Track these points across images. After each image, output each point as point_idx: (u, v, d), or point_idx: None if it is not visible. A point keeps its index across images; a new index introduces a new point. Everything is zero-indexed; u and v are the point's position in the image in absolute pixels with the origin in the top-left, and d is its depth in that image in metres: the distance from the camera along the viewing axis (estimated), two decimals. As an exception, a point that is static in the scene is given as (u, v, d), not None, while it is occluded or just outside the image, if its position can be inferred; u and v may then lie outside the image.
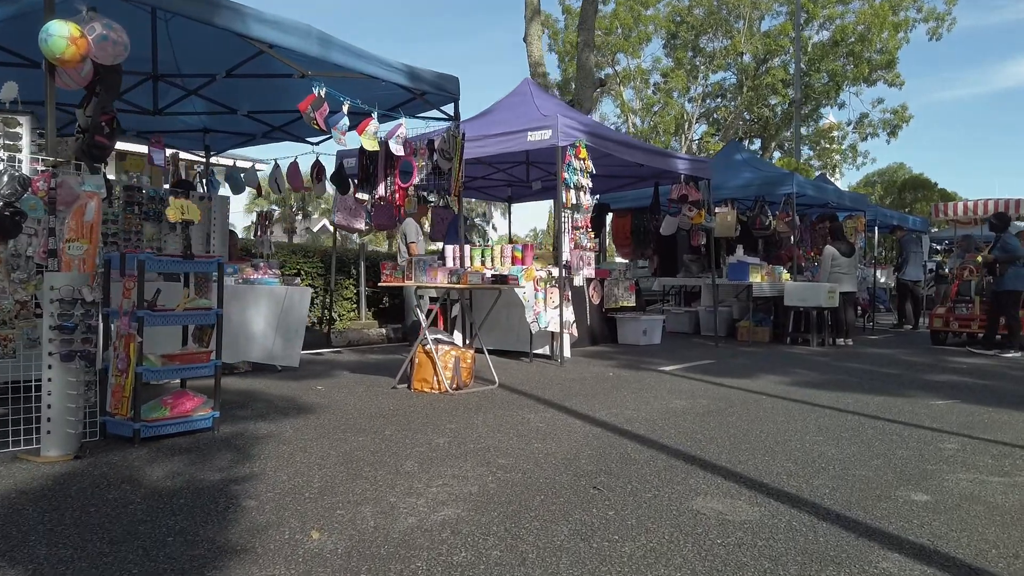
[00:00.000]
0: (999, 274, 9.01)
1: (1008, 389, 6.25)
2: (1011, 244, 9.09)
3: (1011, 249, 9.09)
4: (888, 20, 33.21)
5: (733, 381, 6.39)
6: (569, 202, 7.28)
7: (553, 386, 5.91)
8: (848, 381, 6.55)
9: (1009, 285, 9.04)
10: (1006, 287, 9.04)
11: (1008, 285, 9.04)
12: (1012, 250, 9.09)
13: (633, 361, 7.73)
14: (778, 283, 10.45)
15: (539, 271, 7.41)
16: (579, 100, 15.03)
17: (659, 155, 8.69)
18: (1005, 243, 9.11)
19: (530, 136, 7.34)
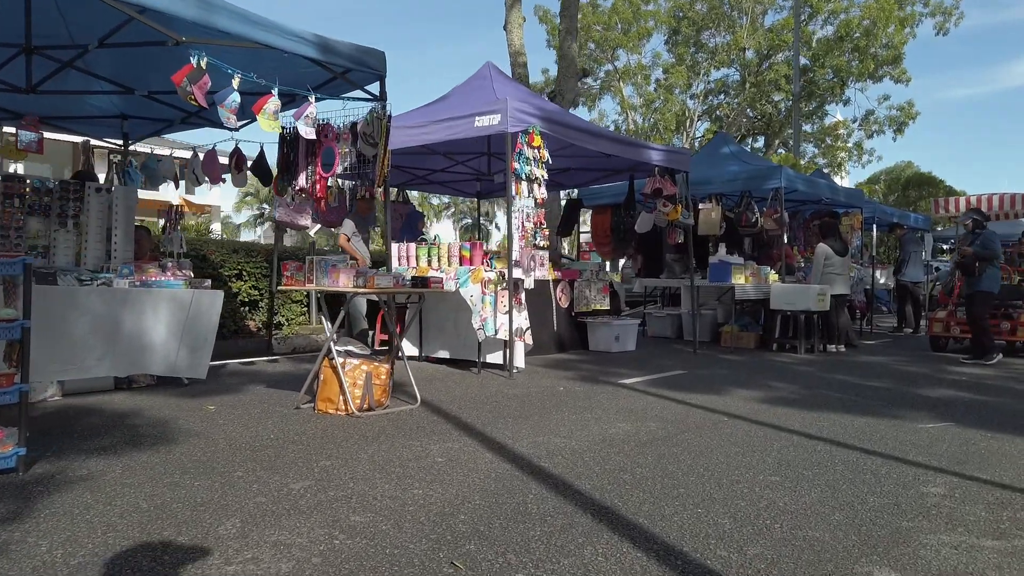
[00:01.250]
0: (975, 274, 8.22)
1: (1011, 407, 5.47)
2: (991, 242, 8.30)
3: (990, 247, 8.30)
4: (894, 15, 32.32)
5: (698, 397, 5.63)
6: (520, 195, 6.53)
7: (486, 405, 5.16)
8: (830, 397, 5.78)
9: (985, 286, 8.28)
10: (982, 288, 8.27)
11: (984, 286, 8.28)
12: (991, 248, 8.29)
13: (595, 372, 6.97)
14: (764, 285, 9.67)
15: (488, 272, 6.66)
16: (561, 91, 14.28)
17: (629, 145, 7.93)
18: (986, 240, 8.30)
19: (478, 121, 6.59)
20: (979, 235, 8.39)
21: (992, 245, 8.26)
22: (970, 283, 8.34)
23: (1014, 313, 9.35)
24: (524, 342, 6.84)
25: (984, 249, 8.30)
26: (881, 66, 33.54)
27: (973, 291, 8.38)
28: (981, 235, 8.36)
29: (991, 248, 8.27)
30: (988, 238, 8.33)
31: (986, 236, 8.35)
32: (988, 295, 8.38)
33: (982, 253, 8.29)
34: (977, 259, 8.19)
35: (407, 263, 7.23)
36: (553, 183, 10.35)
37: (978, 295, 8.37)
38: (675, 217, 8.68)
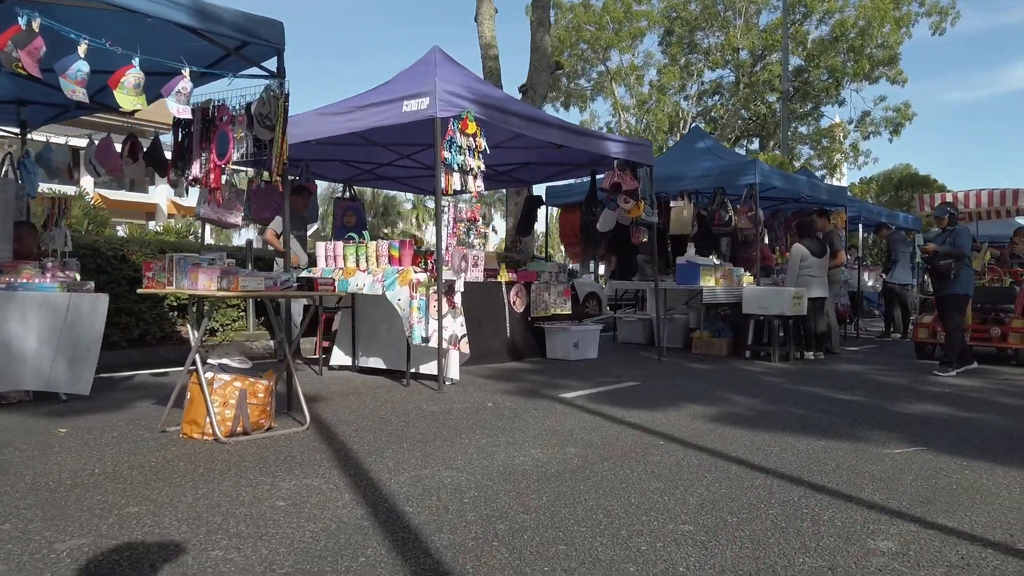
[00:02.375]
0: (949, 274, 7.40)
1: (995, 426, 4.81)
2: (962, 240, 7.52)
3: (961, 245, 7.50)
4: (889, 14, 31.75)
5: (641, 415, 4.97)
6: (450, 188, 5.87)
7: (390, 426, 4.50)
8: (791, 415, 5.12)
9: (960, 288, 7.51)
10: (957, 291, 7.51)
11: (960, 288, 7.50)
12: (962, 246, 7.48)
13: (539, 384, 6.31)
14: (736, 288, 9.01)
15: (418, 274, 5.99)
16: (533, 85, 13.66)
17: (582, 135, 7.27)
18: (957, 238, 7.51)
19: (406, 106, 5.94)
20: (951, 232, 7.61)
21: (964, 242, 7.49)
22: (943, 285, 7.55)
23: (1005, 318, 8.70)
24: (459, 351, 6.18)
25: (954, 247, 7.47)
26: (877, 67, 33.00)
27: (946, 294, 7.59)
28: (953, 231, 7.59)
29: (961, 246, 7.47)
30: (961, 235, 7.57)
31: (959, 232, 7.59)
32: (964, 298, 7.66)
33: (950, 251, 7.43)
34: (943, 257, 7.39)
35: (334, 263, 6.57)
36: (512, 179, 9.72)
37: (952, 299, 7.59)
38: (637, 214, 8.02)
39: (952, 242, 7.50)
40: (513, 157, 9.01)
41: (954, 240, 7.49)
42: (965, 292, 7.56)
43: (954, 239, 7.50)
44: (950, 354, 7.60)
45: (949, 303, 7.60)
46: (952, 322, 7.57)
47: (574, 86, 38.53)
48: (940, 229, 7.76)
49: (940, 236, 7.70)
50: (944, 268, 7.34)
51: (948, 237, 7.57)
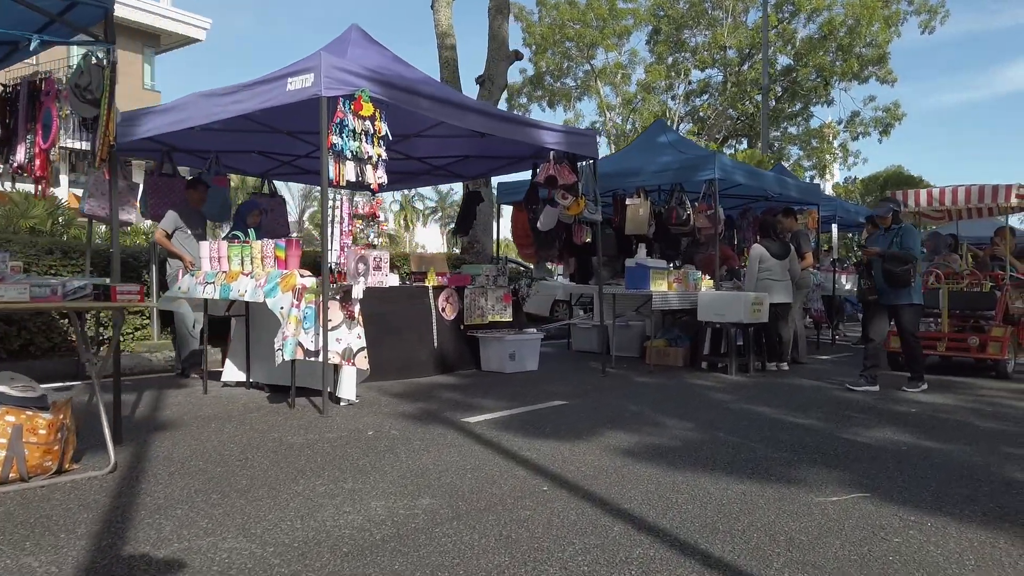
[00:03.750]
0: (910, 282, 6.42)
1: (961, 461, 4.04)
2: (910, 241, 6.56)
3: (910, 246, 6.51)
4: (878, 12, 31.15)
5: (546, 447, 4.20)
6: (341, 179, 5.08)
7: (221, 467, 3.70)
8: (723, 445, 4.35)
9: (917, 297, 6.62)
10: (915, 300, 6.59)
11: (916, 297, 6.61)
12: (911, 248, 6.50)
13: (449, 404, 5.53)
14: (690, 292, 8.25)
15: (304, 278, 5.19)
16: (491, 75, 12.88)
17: (509, 123, 6.48)
18: (905, 239, 6.56)
19: (290, 83, 5.16)
20: (897, 232, 6.68)
21: (912, 243, 6.55)
22: (899, 294, 6.55)
23: (985, 325, 7.97)
24: (354, 365, 5.39)
25: (902, 249, 6.50)
26: (866, 66, 32.42)
27: (902, 304, 6.59)
28: (900, 231, 6.65)
29: (911, 247, 6.52)
30: (908, 235, 6.61)
31: (906, 232, 6.64)
32: (920, 309, 6.81)
33: (898, 255, 6.45)
34: (896, 262, 6.40)
35: (219, 265, 5.77)
36: (448, 173, 8.94)
37: (909, 309, 6.63)
38: (577, 212, 7.25)
39: (900, 243, 6.57)
40: (448, 149, 8.24)
41: (902, 241, 6.58)
42: (920, 301, 6.72)
43: (902, 240, 6.58)
44: (917, 368, 6.75)
45: (905, 314, 6.65)
46: (912, 334, 6.68)
47: (560, 85, 37.87)
48: (883, 229, 6.82)
49: (883, 237, 6.77)
50: (903, 275, 6.41)
51: (894, 238, 6.64)
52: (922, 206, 8.28)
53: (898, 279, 6.43)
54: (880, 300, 6.77)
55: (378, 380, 6.53)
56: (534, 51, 36.41)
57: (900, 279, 6.43)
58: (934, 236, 10.22)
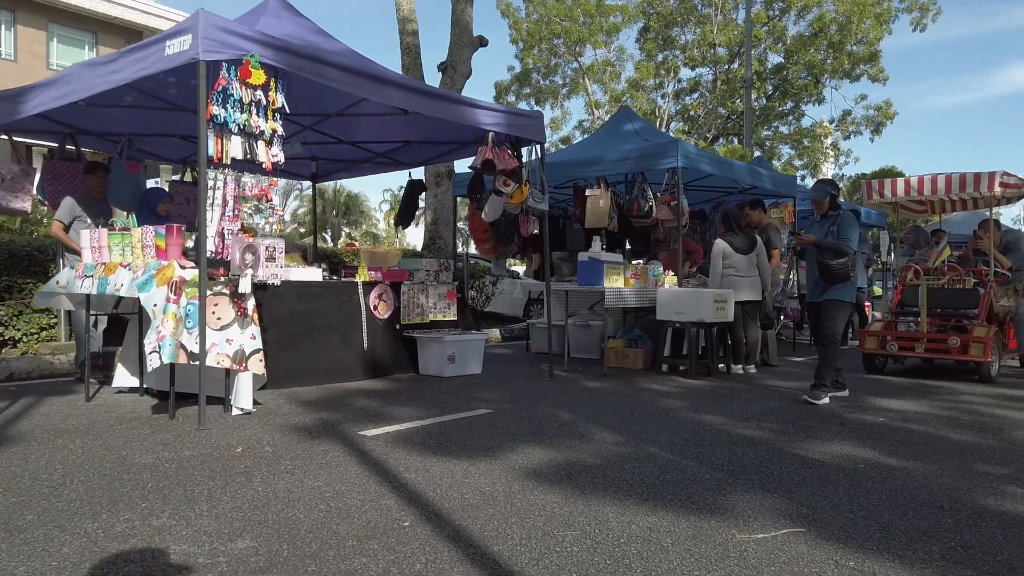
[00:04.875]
0: (847, 277, 5.60)
1: (924, 484, 3.42)
2: (848, 230, 5.74)
3: (847, 236, 5.70)
4: (869, 9, 30.67)
5: (441, 467, 3.57)
6: (224, 155, 4.44)
7: (20, 495, 3.06)
8: (651, 464, 3.72)
9: (848, 294, 5.75)
10: (844, 296, 5.72)
11: (848, 294, 5.75)
12: (848, 238, 5.69)
13: (358, 414, 4.89)
14: (649, 289, 7.62)
15: (184, 270, 4.54)
16: (453, 62, 12.25)
17: (438, 99, 5.82)
18: (843, 227, 5.74)
19: (168, 47, 4.51)
20: (835, 218, 5.90)
21: (850, 233, 5.74)
22: (829, 290, 5.71)
23: (967, 325, 7.36)
24: (250, 371, 4.74)
25: (839, 239, 5.69)
26: (858, 64, 31.95)
27: (830, 299, 5.73)
28: (837, 218, 5.87)
29: (848, 238, 5.72)
30: (847, 223, 5.80)
31: (844, 220, 5.83)
32: (850, 307, 5.94)
33: (833, 245, 5.66)
34: (832, 254, 5.60)
35: (99, 256, 5.12)
36: (391, 161, 8.30)
37: (838, 306, 5.73)
38: (520, 200, 6.62)
39: (836, 232, 5.76)
40: (389, 133, 7.60)
41: (839, 229, 5.76)
42: (851, 299, 5.88)
43: (839, 228, 5.77)
44: (826, 375, 5.73)
45: (833, 311, 5.73)
46: (835, 334, 5.77)
47: (549, 83, 37.31)
48: (819, 215, 6.04)
49: (820, 225, 5.98)
50: (840, 270, 5.61)
51: (831, 226, 5.85)
52: (899, 196, 7.67)
53: (834, 274, 5.62)
54: (809, 296, 5.98)
55: (296, 386, 5.91)
56: (521, 48, 35.91)
57: (836, 274, 5.63)
58: (915, 230, 9.63)
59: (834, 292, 5.72)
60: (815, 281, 5.86)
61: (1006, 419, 5.17)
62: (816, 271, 5.79)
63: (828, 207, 5.96)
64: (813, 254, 5.85)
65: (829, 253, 5.67)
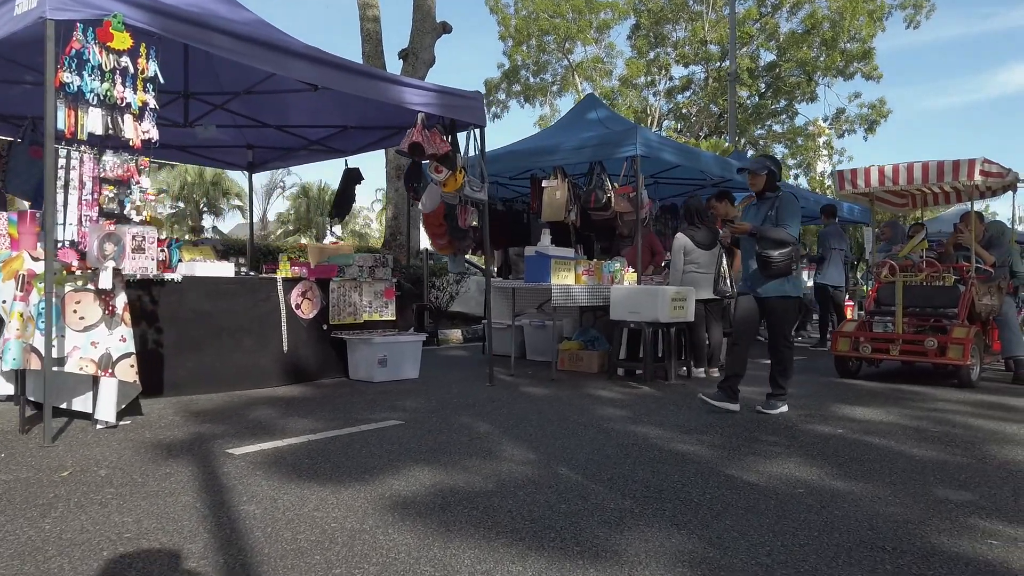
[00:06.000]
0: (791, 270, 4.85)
1: (873, 509, 2.85)
2: (788, 214, 4.93)
3: (787, 222, 4.92)
4: (861, 5, 30.17)
5: (302, 493, 3.00)
6: (80, 130, 3.86)
7: None
8: (554, 485, 3.15)
9: (794, 288, 5.02)
10: (789, 291, 4.99)
11: (793, 288, 5.02)
12: (788, 224, 4.92)
13: (236, 428, 4.31)
14: (604, 286, 7.05)
15: (36, 263, 3.96)
16: (415, 49, 11.69)
17: (355, 74, 5.23)
18: (782, 210, 4.94)
19: (17, 6, 3.93)
20: (772, 201, 5.05)
21: (791, 218, 4.97)
22: (771, 286, 4.94)
23: (946, 325, 6.79)
24: (117, 378, 4.15)
25: (778, 225, 4.91)
26: (851, 62, 31.44)
27: (773, 297, 4.98)
28: (775, 201, 5.06)
29: (788, 223, 4.95)
30: (787, 206, 5.00)
31: (784, 203, 5.02)
32: (798, 302, 5.21)
33: (769, 233, 4.87)
34: (770, 244, 4.83)
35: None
36: (326, 148, 7.72)
37: (784, 304, 4.99)
38: (454, 187, 6.05)
39: (775, 217, 4.97)
40: (322, 118, 7.03)
41: (777, 214, 4.96)
42: (797, 294, 5.13)
43: (777, 213, 4.97)
44: (783, 382, 5.04)
45: (779, 310, 4.99)
46: (786, 336, 5.07)
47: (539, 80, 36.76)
48: (755, 199, 5.26)
49: (755, 209, 5.21)
50: (782, 262, 4.83)
51: (768, 210, 5.03)
52: (873, 186, 7.10)
53: (774, 267, 4.85)
54: (744, 288, 5.19)
55: (198, 393, 5.34)
56: (510, 44, 35.38)
57: (777, 267, 4.86)
58: (892, 224, 9.07)
59: (778, 288, 4.97)
60: (752, 275, 5.09)
61: (980, 431, 4.60)
62: (754, 263, 5.03)
63: (765, 186, 5.11)
64: (750, 245, 5.09)
65: (769, 243, 4.88)
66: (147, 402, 4.96)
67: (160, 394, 5.22)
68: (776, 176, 5.13)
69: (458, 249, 9.32)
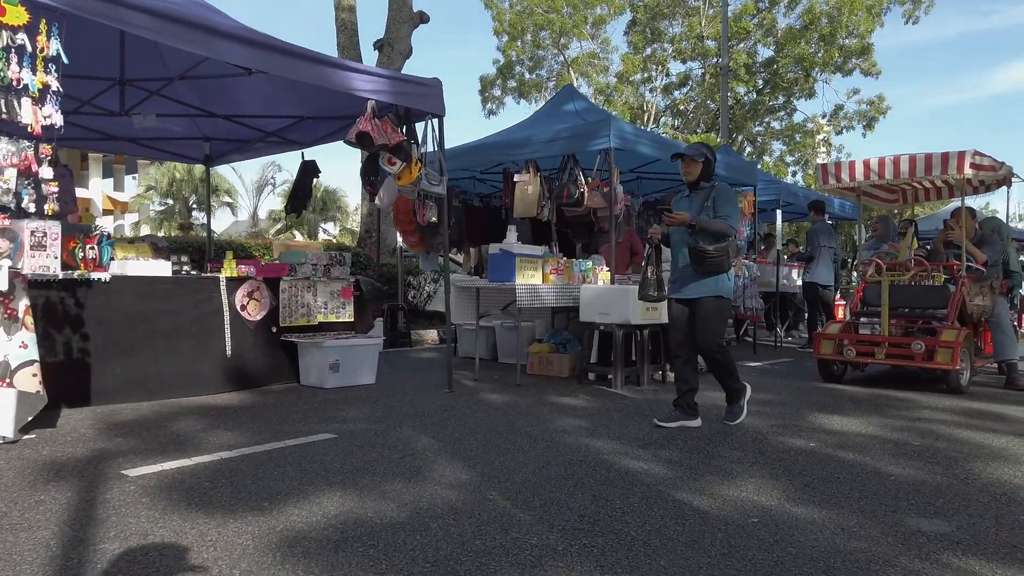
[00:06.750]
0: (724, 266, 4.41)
1: (831, 546, 2.48)
2: (727, 207, 4.47)
3: (726, 213, 4.44)
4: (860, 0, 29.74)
5: (179, 528, 2.64)
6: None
7: None
8: (474, 513, 2.78)
9: (726, 288, 4.55)
10: (721, 291, 4.52)
11: (725, 287, 4.55)
12: (728, 215, 4.45)
13: (151, 442, 3.94)
14: (572, 287, 6.68)
15: (-77, 261, 3.59)
16: (391, 40, 11.31)
17: (294, 58, 4.86)
18: (719, 201, 4.48)
19: None
20: (708, 191, 4.57)
21: (729, 209, 4.50)
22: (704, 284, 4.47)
23: (935, 326, 6.42)
24: (16, 388, 3.78)
25: (716, 216, 4.44)
26: (849, 57, 31.03)
27: (706, 296, 4.49)
28: (714, 191, 4.59)
29: (728, 215, 4.47)
30: (724, 196, 4.54)
31: (721, 193, 4.55)
32: (727, 305, 4.74)
33: (715, 226, 4.39)
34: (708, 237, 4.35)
35: None
36: (284, 141, 7.35)
37: (717, 305, 4.52)
38: (409, 180, 5.67)
39: (712, 209, 4.51)
40: (277, 108, 6.66)
41: (714, 205, 4.51)
42: (729, 295, 4.67)
43: (714, 204, 4.51)
44: (734, 385, 4.62)
45: (708, 312, 4.49)
46: (719, 342, 4.62)
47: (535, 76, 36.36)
48: (688, 189, 4.75)
49: (688, 200, 4.71)
50: (718, 258, 4.38)
51: (704, 201, 4.57)
52: (859, 180, 6.72)
53: (709, 262, 4.39)
54: (671, 291, 4.71)
55: (127, 401, 4.99)
56: (504, 40, 34.98)
57: (712, 262, 4.39)
58: (884, 220, 8.68)
59: (707, 287, 4.49)
60: (682, 274, 4.63)
61: (966, 444, 4.23)
62: (685, 258, 4.56)
63: (700, 175, 4.61)
64: (682, 238, 4.59)
65: (706, 236, 4.41)
66: (69, 413, 4.63)
67: (87, 404, 4.86)
68: (712, 165, 4.67)
69: (430, 246, 8.95)
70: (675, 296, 4.69)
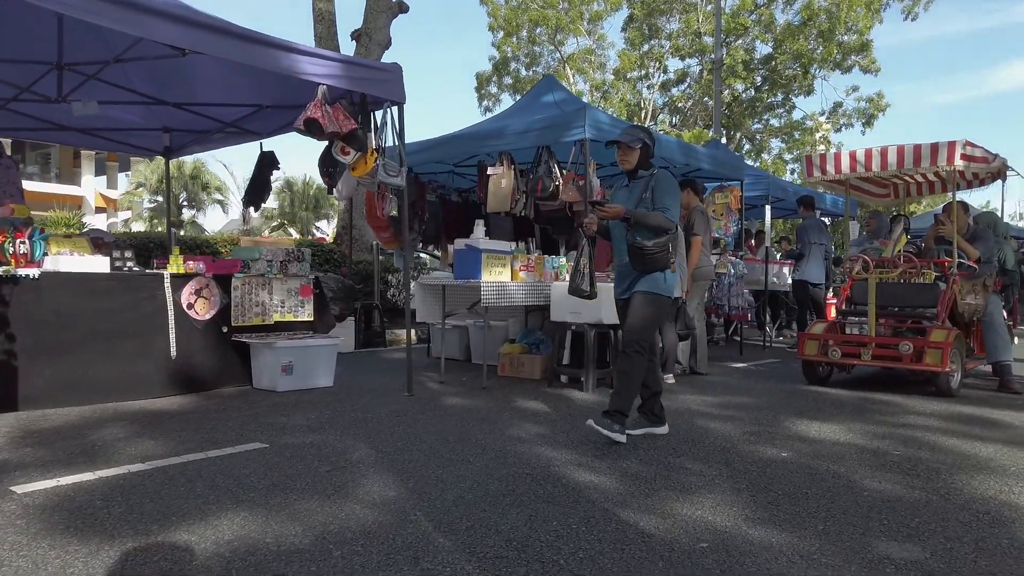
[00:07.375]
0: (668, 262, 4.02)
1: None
2: (667, 198, 4.05)
3: (665, 204, 4.03)
4: (859, -4, 29.39)
5: (40, 558, 2.32)
6: None
7: None
8: (396, 540, 2.47)
9: (668, 286, 4.14)
10: (661, 289, 4.10)
11: (668, 286, 4.14)
12: (665, 207, 4.03)
13: (57, 455, 3.62)
14: (543, 284, 6.35)
15: None
16: (368, 30, 10.97)
17: (238, 39, 4.51)
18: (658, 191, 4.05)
19: None
20: (647, 180, 4.16)
21: (669, 200, 4.10)
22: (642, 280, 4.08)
23: (925, 326, 6.09)
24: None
25: (655, 208, 4.04)
26: (848, 54, 30.67)
27: (646, 292, 4.09)
28: (651, 179, 4.19)
29: (667, 207, 4.08)
30: (664, 185, 4.14)
31: (661, 183, 4.15)
32: (664, 302, 4.26)
33: (655, 220, 3.99)
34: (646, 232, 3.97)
35: None
36: (241, 131, 7.02)
37: (657, 301, 4.10)
38: (363, 171, 5.35)
39: (651, 199, 4.10)
40: (234, 96, 6.31)
41: (653, 196, 4.11)
42: (668, 293, 4.22)
43: (653, 195, 4.11)
44: (625, 396, 4.01)
45: (644, 309, 4.07)
46: (640, 340, 4.06)
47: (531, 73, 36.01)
48: (627, 178, 4.35)
49: (627, 190, 4.33)
50: (659, 253, 3.99)
51: (643, 192, 4.17)
52: (844, 172, 6.38)
53: (649, 258, 4.00)
54: (616, 293, 4.37)
55: (57, 406, 4.68)
56: (500, 36, 34.65)
57: (652, 259, 3.99)
58: (876, 215, 8.35)
59: (645, 284, 4.10)
60: (622, 271, 4.28)
61: (951, 453, 3.90)
62: (624, 255, 4.18)
63: (638, 163, 4.21)
64: (621, 233, 4.20)
65: (644, 230, 4.01)
66: (-11, 418, 4.31)
67: (14, 408, 4.55)
68: (651, 152, 4.27)
69: (402, 243, 8.61)
70: (619, 298, 4.35)
